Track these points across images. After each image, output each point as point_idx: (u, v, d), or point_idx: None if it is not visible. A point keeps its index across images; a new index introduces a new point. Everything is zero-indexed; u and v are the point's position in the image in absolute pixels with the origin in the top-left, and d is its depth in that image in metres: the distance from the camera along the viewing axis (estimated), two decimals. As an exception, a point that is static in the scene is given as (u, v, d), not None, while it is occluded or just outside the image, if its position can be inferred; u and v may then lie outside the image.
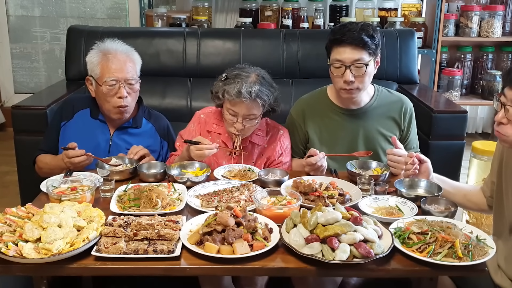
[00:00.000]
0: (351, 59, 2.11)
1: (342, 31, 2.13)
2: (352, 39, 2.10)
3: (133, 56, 2.28)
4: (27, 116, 2.58)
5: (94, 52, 2.26)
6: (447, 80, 4.19)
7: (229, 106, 2.10)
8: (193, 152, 2.05)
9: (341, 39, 2.11)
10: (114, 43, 2.28)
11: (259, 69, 2.18)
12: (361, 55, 2.11)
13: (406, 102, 2.34)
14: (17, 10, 4.93)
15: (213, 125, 2.27)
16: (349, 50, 2.11)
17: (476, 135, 5.04)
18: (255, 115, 2.11)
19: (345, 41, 2.11)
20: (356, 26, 2.13)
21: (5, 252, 1.39)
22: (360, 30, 2.11)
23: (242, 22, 3.85)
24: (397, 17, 4.03)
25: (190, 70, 3.04)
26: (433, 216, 1.68)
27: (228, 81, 2.10)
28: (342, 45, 2.12)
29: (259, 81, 2.09)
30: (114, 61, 2.20)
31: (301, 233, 1.48)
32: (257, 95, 2.05)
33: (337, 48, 2.14)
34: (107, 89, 2.18)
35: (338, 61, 2.13)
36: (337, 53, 2.14)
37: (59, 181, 1.89)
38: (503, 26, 4.18)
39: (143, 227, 1.54)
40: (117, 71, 2.18)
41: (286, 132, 2.32)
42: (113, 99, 2.19)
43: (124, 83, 2.19)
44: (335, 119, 2.29)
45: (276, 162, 2.25)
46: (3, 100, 5.08)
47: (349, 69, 2.11)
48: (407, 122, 2.32)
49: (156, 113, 2.45)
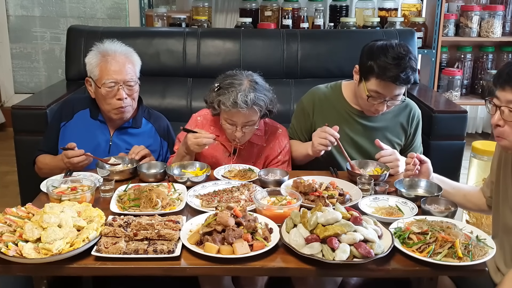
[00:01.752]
0: (392, 94, 2.08)
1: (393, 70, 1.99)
2: (400, 80, 2.01)
3: (132, 58, 2.27)
4: (27, 116, 2.58)
5: (93, 53, 2.25)
6: (447, 80, 4.19)
7: (226, 116, 2.09)
8: (190, 140, 2.03)
9: (390, 79, 2.01)
10: (113, 44, 2.27)
11: (251, 73, 2.15)
12: (402, 90, 2.09)
13: (415, 108, 2.33)
14: (17, 10, 4.93)
15: (210, 127, 2.26)
16: (393, 88, 2.05)
17: (476, 135, 5.04)
18: (253, 121, 2.10)
19: (392, 81, 2.01)
20: (406, 65, 2.00)
21: (5, 252, 1.39)
22: (409, 70, 2.01)
23: (242, 22, 3.84)
24: (397, 17, 4.03)
25: (190, 70, 3.04)
26: (433, 216, 1.68)
27: (222, 91, 2.06)
28: (387, 82, 2.03)
29: (253, 87, 2.06)
30: (113, 62, 2.19)
31: (301, 233, 1.48)
32: (253, 102, 2.03)
33: (381, 82, 2.04)
34: (106, 90, 2.18)
35: (378, 94, 2.08)
36: (379, 86, 2.06)
37: (59, 181, 1.89)
38: (503, 26, 4.18)
39: (143, 227, 1.54)
40: (116, 73, 2.17)
41: (284, 131, 2.32)
42: (112, 101, 2.19)
43: (123, 85, 2.18)
44: (345, 116, 2.28)
45: (275, 161, 2.25)
46: (3, 100, 5.08)
47: (386, 102, 2.10)
48: (414, 129, 2.32)
49: (156, 113, 2.45)
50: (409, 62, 2.02)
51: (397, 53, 2.03)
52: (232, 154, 2.22)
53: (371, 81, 2.08)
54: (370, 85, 2.08)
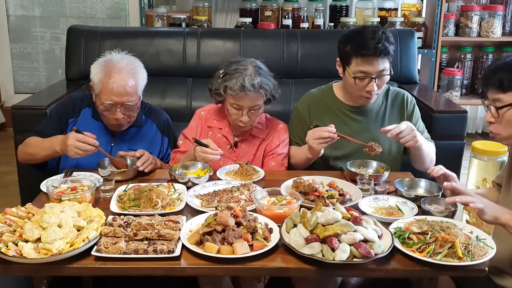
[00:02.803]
0: (377, 70, 2.08)
1: (366, 42, 2.04)
2: (379, 51, 2.03)
3: (137, 75, 2.17)
4: (27, 116, 2.58)
5: (98, 66, 2.15)
6: (447, 80, 4.19)
7: (233, 101, 2.12)
8: (197, 152, 2.06)
9: (367, 51, 2.04)
10: (121, 58, 2.17)
11: (254, 60, 2.22)
12: (385, 64, 2.09)
13: (406, 93, 2.35)
14: (17, 10, 4.92)
15: (213, 120, 2.31)
16: (375, 61, 2.06)
17: (476, 135, 5.04)
18: (259, 105, 2.15)
19: (371, 54, 2.04)
20: (379, 36, 2.04)
21: (5, 252, 1.40)
22: (384, 40, 2.04)
23: (242, 22, 3.84)
24: (397, 17, 4.03)
25: (190, 70, 3.04)
26: (433, 216, 1.68)
27: (228, 77, 2.12)
28: (367, 57, 2.05)
29: (258, 72, 2.13)
30: (116, 84, 2.09)
31: (301, 233, 1.48)
32: (260, 86, 2.10)
33: (361, 59, 2.07)
34: (104, 107, 2.13)
35: (363, 73, 2.09)
36: (361, 65, 2.08)
37: (59, 181, 1.89)
38: (503, 26, 4.18)
39: (143, 227, 1.54)
40: (115, 95, 2.09)
41: (285, 126, 2.36)
42: (109, 117, 2.16)
43: (121, 107, 2.12)
44: (340, 115, 2.29)
45: (272, 152, 2.27)
46: (3, 100, 5.08)
47: (374, 80, 2.10)
48: (410, 112, 2.31)
49: (155, 109, 2.44)
50: (383, 34, 2.06)
51: (369, 30, 2.09)
52: (233, 146, 2.26)
53: (353, 62, 2.11)
54: (353, 67, 2.11)
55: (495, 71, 1.65)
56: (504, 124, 1.66)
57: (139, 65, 2.22)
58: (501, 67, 1.64)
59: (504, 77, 1.61)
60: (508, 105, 1.62)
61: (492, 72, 1.66)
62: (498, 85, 1.63)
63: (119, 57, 2.18)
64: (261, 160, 2.27)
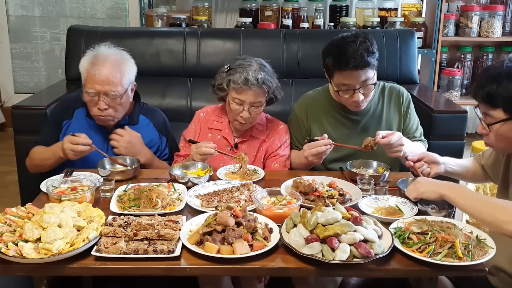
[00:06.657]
0: (359, 81, 2.07)
1: (344, 57, 2.02)
2: (357, 64, 2.01)
3: (122, 66, 2.17)
4: (27, 116, 2.58)
5: (86, 57, 2.19)
6: (447, 80, 4.19)
7: (235, 95, 2.13)
8: (192, 150, 2.08)
9: (345, 66, 2.03)
10: (107, 50, 2.20)
11: (259, 59, 2.24)
12: (367, 74, 2.07)
13: (401, 88, 2.35)
14: (17, 10, 4.93)
15: (213, 122, 2.30)
16: (355, 74, 2.05)
17: (476, 135, 5.03)
18: (260, 102, 2.16)
19: (350, 67, 2.02)
20: (356, 48, 2.01)
21: (5, 252, 1.40)
22: (362, 51, 2.01)
23: (242, 22, 3.85)
24: (397, 17, 4.03)
25: (190, 70, 3.04)
26: (430, 216, 1.68)
27: (232, 71, 2.15)
28: (347, 70, 2.04)
29: (262, 69, 2.16)
30: (98, 71, 2.10)
31: (301, 233, 1.48)
32: (263, 81, 2.12)
33: (341, 73, 2.07)
34: (89, 98, 2.15)
35: (345, 85, 2.09)
36: (342, 78, 2.08)
37: (59, 181, 1.89)
38: (503, 26, 4.18)
39: (143, 227, 1.54)
40: (98, 83, 2.10)
41: (285, 127, 2.35)
42: (94, 108, 2.16)
43: (104, 96, 2.13)
44: (338, 116, 2.29)
45: (274, 154, 2.27)
46: (3, 100, 5.08)
47: (358, 91, 2.09)
48: (406, 106, 2.31)
49: (152, 108, 2.45)
50: (360, 45, 2.03)
51: (346, 41, 2.07)
52: (233, 148, 2.26)
53: (335, 76, 2.11)
54: (335, 80, 2.12)
55: (483, 85, 1.62)
56: (496, 138, 1.67)
57: (127, 58, 2.24)
58: (490, 80, 1.61)
59: (492, 91, 1.59)
60: (498, 122, 1.62)
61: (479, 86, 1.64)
62: (488, 99, 1.62)
63: (106, 49, 2.22)
64: (262, 162, 2.27)
